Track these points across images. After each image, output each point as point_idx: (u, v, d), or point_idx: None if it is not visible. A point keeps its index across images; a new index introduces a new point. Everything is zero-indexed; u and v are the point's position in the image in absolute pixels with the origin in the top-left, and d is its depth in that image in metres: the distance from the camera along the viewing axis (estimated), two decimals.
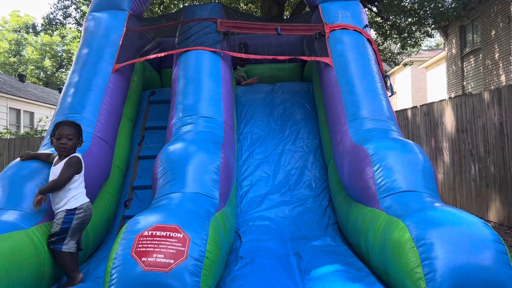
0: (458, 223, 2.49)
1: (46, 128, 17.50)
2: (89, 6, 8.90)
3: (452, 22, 14.58)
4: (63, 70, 35.71)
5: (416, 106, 8.59)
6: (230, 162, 3.82)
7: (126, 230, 2.54)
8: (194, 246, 2.44)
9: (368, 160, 3.42)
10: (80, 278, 3.03)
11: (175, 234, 2.46)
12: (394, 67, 18.93)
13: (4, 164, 9.77)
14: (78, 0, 12.60)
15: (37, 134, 15.21)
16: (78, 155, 3.15)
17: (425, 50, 28.49)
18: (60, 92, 20.67)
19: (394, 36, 12.89)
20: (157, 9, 12.33)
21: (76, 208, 3.05)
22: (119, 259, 2.37)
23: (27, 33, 17.22)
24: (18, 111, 19.53)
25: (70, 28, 16.78)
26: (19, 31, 25.07)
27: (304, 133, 5.22)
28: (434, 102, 7.77)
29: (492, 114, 6.08)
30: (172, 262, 2.34)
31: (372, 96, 4.28)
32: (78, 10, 12.93)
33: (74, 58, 4.95)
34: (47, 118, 19.82)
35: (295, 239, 3.92)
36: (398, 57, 16.42)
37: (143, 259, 2.34)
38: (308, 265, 3.21)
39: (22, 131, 18.06)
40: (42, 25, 13.12)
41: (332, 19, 5.15)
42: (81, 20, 12.67)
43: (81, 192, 3.13)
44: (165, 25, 5.62)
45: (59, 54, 35.35)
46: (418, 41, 13.35)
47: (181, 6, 12.57)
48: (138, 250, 2.38)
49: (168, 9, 12.54)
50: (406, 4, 11.45)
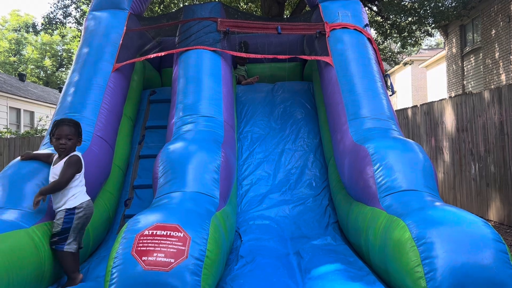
0: (459, 222, 2.49)
1: (46, 127, 17.49)
2: (89, 6, 8.90)
3: (452, 21, 14.57)
4: (63, 69, 35.72)
5: (416, 105, 8.59)
6: (231, 161, 3.82)
7: (126, 229, 2.54)
8: (194, 245, 2.44)
9: (368, 159, 3.42)
10: (80, 278, 3.03)
11: (176, 233, 2.46)
12: (394, 66, 18.96)
13: (4, 163, 9.77)
14: None
15: (37, 133, 15.22)
16: (78, 154, 3.14)
17: (425, 49, 28.46)
18: (60, 91, 20.63)
19: (394, 35, 12.88)
20: (157, 8, 12.33)
21: (75, 207, 3.04)
22: (120, 258, 2.38)
23: (27, 32, 17.24)
24: (18, 111, 19.54)
25: (70, 27, 16.81)
26: (19, 31, 25.10)
27: (304, 132, 5.21)
28: (434, 101, 7.77)
29: (492, 113, 6.08)
30: (172, 261, 2.34)
31: (372, 95, 4.28)
32: (78, 10, 12.94)
33: (74, 57, 4.95)
34: (47, 117, 19.82)
35: (296, 238, 3.92)
36: (398, 56, 16.42)
37: (144, 258, 2.34)
38: (308, 264, 3.22)
39: (22, 131, 18.08)
40: (42, 24, 13.13)
41: (332, 18, 5.15)
42: (81, 19, 12.67)
43: (80, 190, 3.12)
44: (165, 24, 5.62)
45: (59, 54, 35.35)
46: (418, 40, 13.34)
47: (181, 5, 12.58)
48: (139, 249, 2.38)
49: (168, 8, 12.54)
50: (406, 3, 11.44)
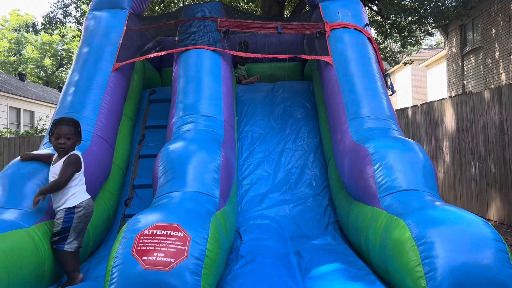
0: (459, 222, 2.49)
1: (46, 127, 17.49)
2: (89, 5, 8.90)
3: (452, 21, 14.57)
4: (63, 69, 35.72)
5: (416, 105, 8.58)
6: (231, 161, 3.82)
7: (126, 229, 2.54)
8: (194, 245, 2.44)
9: (368, 159, 3.42)
10: (80, 278, 3.03)
11: (176, 233, 2.46)
12: (394, 66, 18.96)
13: (4, 163, 9.78)
14: None
15: (37, 133, 15.22)
16: (77, 153, 3.14)
17: (425, 49, 28.45)
18: (60, 91, 20.65)
19: (395, 35, 12.88)
20: (157, 8, 12.33)
21: (75, 206, 3.04)
22: (120, 258, 2.37)
23: (27, 32, 17.21)
24: (18, 110, 19.53)
25: (70, 27, 16.78)
26: (19, 30, 25.07)
27: (304, 132, 5.21)
28: (435, 101, 7.77)
29: (492, 113, 6.08)
30: (172, 261, 2.34)
31: (372, 95, 4.28)
32: (78, 9, 12.93)
33: (74, 57, 4.95)
34: (47, 117, 19.83)
35: (296, 238, 3.92)
36: (399, 56, 16.42)
37: (144, 258, 2.34)
38: (308, 264, 3.22)
39: (22, 130, 18.08)
40: (42, 24, 13.12)
41: (332, 18, 5.15)
42: (81, 19, 12.66)
43: (80, 190, 3.12)
44: (165, 24, 5.62)
45: (59, 53, 35.36)
46: (419, 40, 13.34)
47: (181, 5, 12.58)
48: (139, 249, 2.38)
49: (168, 8, 12.54)
50: (407, 2, 11.44)
